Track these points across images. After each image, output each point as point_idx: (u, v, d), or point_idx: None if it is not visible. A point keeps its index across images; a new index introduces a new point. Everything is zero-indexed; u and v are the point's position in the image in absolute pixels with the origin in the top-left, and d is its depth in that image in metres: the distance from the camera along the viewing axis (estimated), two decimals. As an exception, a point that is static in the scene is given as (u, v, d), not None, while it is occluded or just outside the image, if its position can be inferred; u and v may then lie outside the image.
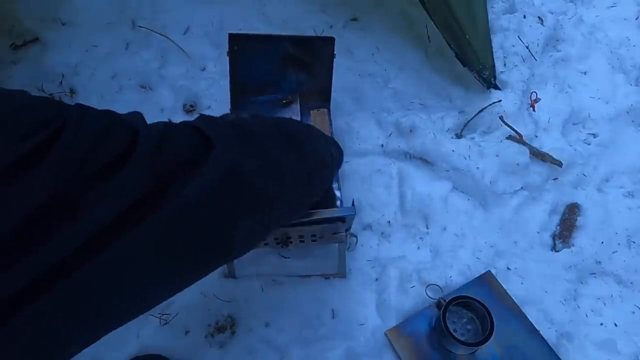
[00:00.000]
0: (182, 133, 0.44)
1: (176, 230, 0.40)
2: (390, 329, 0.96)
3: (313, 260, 1.04)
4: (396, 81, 1.33)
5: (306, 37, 1.01)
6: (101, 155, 0.36)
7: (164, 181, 0.39)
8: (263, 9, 1.45)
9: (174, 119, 1.27)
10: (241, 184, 0.44)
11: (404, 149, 1.20)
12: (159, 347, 0.95)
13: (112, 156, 0.36)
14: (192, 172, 0.41)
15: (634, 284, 1.03)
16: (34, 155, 0.32)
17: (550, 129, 1.22)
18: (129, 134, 0.38)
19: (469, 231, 1.10)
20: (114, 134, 0.37)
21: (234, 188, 0.44)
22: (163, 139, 0.41)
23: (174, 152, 0.41)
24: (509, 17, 1.39)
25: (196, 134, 0.45)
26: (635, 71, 1.34)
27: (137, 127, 0.40)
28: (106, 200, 0.35)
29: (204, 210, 0.41)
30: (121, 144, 0.37)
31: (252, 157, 0.47)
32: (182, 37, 1.39)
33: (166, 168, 0.39)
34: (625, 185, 1.17)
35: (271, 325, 0.98)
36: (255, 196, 0.47)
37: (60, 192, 0.33)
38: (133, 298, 0.42)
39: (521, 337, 0.95)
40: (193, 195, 0.40)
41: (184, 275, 0.45)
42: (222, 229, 0.45)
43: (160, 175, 0.38)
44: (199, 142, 0.44)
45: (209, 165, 0.41)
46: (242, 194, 0.45)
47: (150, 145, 0.39)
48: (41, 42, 1.38)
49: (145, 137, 0.39)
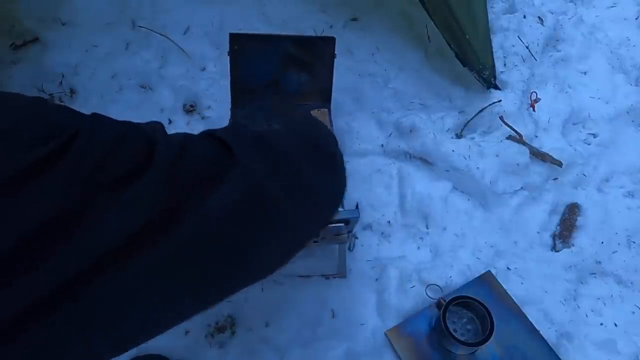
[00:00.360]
0: (202, 144, 0.42)
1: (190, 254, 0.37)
2: (390, 329, 0.96)
3: (313, 260, 1.04)
4: (396, 81, 1.33)
5: (307, 37, 1.01)
6: (116, 165, 0.34)
7: (183, 195, 0.36)
8: (263, 9, 1.45)
9: (174, 119, 1.27)
10: (264, 204, 0.41)
11: (404, 149, 1.20)
12: (159, 347, 0.95)
13: (128, 167, 0.34)
14: (211, 186, 0.38)
15: (634, 284, 1.03)
16: (43, 165, 0.30)
17: (550, 129, 1.22)
18: (146, 145, 0.36)
19: (469, 231, 1.10)
20: (129, 143, 0.35)
21: (257, 208, 0.40)
22: (183, 150, 0.38)
23: (194, 165, 0.38)
24: (509, 17, 1.39)
25: (218, 145, 0.42)
26: (635, 71, 1.34)
27: (156, 138, 0.37)
28: (120, 215, 0.33)
29: (220, 232, 0.38)
30: (137, 154, 0.35)
31: (279, 176, 0.43)
32: (182, 37, 1.39)
33: (185, 182, 0.37)
34: (625, 185, 1.17)
35: (271, 325, 0.98)
36: (281, 218, 0.43)
37: (70, 204, 0.31)
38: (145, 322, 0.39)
39: (521, 337, 0.95)
40: (210, 217, 0.37)
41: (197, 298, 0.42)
42: (244, 249, 0.42)
43: (179, 188, 0.36)
44: (221, 155, 0.41)
45: (229, 181, 0.38)
46: (265, 215, 0.41)
47: (170, 156, 0.37)
48: (41, 42, 1.38)
49: (164, 148, 0.37)
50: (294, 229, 0.46)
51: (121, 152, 0.34)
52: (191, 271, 0.38)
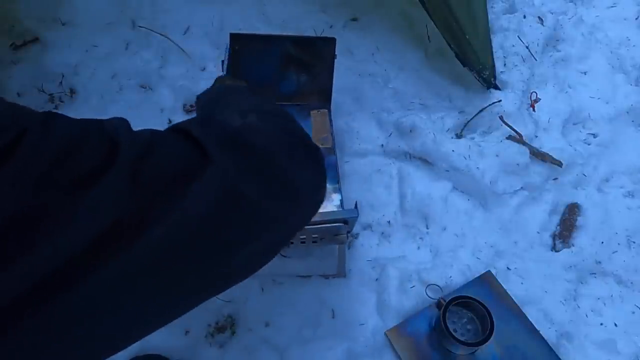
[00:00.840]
0: (171, 141, 0.38)
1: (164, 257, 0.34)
2: (390, 329, 0.96)
3: (313, 261, 1.04)
4: (396, 81, 1.33)
5: (307, 37, 1.01)
6: (75, 163, 0.31)
7: (152, 194, 0.33)
8: (263, 9, 1.45)
9: (174, 119, 1.27)
10: (240, 205, 0.39)
11: (404, 149, 1.20)
12: (159, 347, 0.95)
13: (89, 165, 0.31)
14: (183, 186, 0.35)
15: (634, 284, 1.03)
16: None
17: (550, 129, 1.22)
18: (108, 143, 0.33)
19: (469, 231, 1.10)
20: (88, 141, 0.32)
21: (233, 209, 0.38)
22: (150, 147, 0.35)
23: (162, 162, 0.35)
24: (509, 17, 1.39)
25: (189, 142, 0.38)
26: (635, 71, 1.34)
27: (118, 136, 0.34)
28: (84, 215, 0.30)
29: (196, 234, 0.36)
30: (99, 152, 0.32)
31: (256, 175, 0.41)
32: (182, 37, 1.39)
33: (153, 180, 0.34)
34: (625, 185, 1.17)
35: (271, 325, 0.98)
36: (261, 217, 0.41)
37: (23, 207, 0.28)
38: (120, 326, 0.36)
39: (521, 337, 0.95)
40: (184, 218, 0.34)
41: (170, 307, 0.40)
42: (223, 249, 0.39)
43: (146, 187, 0.33)
44: (193, 153, 0.38)
45: (202, 182, 0.36)
46: (242, 215, 0.39)
47: (134, 153, 0.34)
48: (41, 42, 1.38)
49: (128, 145, 0.34)
50: (275, 228, 0.44)
51: (81, 150, 0.32)
52: (167, 273, 0.36)
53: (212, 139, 0.39)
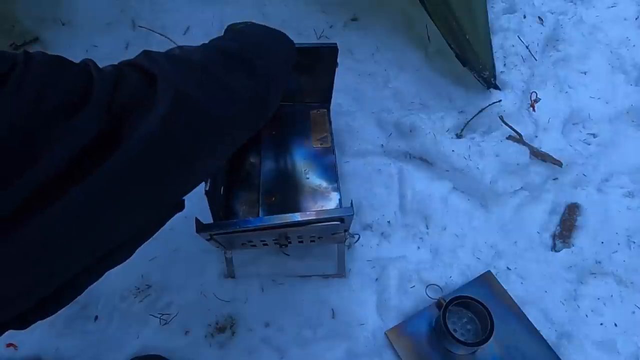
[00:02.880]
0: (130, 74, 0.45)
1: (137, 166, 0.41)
2: (390, 329, 0.96)
3: (313, 261, 1.05)
4: (396, 81, 1.33)
5: (309, 46, 0.99)
6: (58, 91, 0.36)
7: (120, 121, 0.40)
8: (263, 9, 1.45)
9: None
10: (190, 108, 0.45)
11: (404, 149, 1.20)
12: (159, 348, 0.95)
13: (70, 95, 0.37)
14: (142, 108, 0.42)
15: (634, 284, 1.03)
16: None
17: (550, 129, 1.22)
18: (84, 75, 0.40)
19: (469, 231, 1.10)
20: (69, 71, 0.39)
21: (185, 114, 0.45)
22: (117, 80, 0.42)
23: (126, 93, 0.42)
24: (509, 17, 1.39)
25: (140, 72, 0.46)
26: (635, 71, 1.34)
27: (90, 70, 0.41)
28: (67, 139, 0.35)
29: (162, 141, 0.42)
30: (77, 82, 0.38)
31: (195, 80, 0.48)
32: (182, 37, 1.39)
33: (121, 108, 0.40)
34: (625, 185, 1.17)
35: (271, 325, 0.98)
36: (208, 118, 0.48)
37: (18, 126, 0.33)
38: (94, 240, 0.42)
39: (521, 337, 0.95)
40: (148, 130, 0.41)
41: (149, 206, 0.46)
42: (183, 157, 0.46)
43: (116, 115, 0.40)
44: (144, 79, 0.45)
45: (157, 98, 0.42)
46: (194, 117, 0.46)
47: (108, 87, 0.40)
48: (41, 42, 1.38)
49: (101, 79, 0.40)
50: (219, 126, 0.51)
51: (63, 80, 0.37)
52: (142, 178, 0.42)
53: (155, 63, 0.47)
